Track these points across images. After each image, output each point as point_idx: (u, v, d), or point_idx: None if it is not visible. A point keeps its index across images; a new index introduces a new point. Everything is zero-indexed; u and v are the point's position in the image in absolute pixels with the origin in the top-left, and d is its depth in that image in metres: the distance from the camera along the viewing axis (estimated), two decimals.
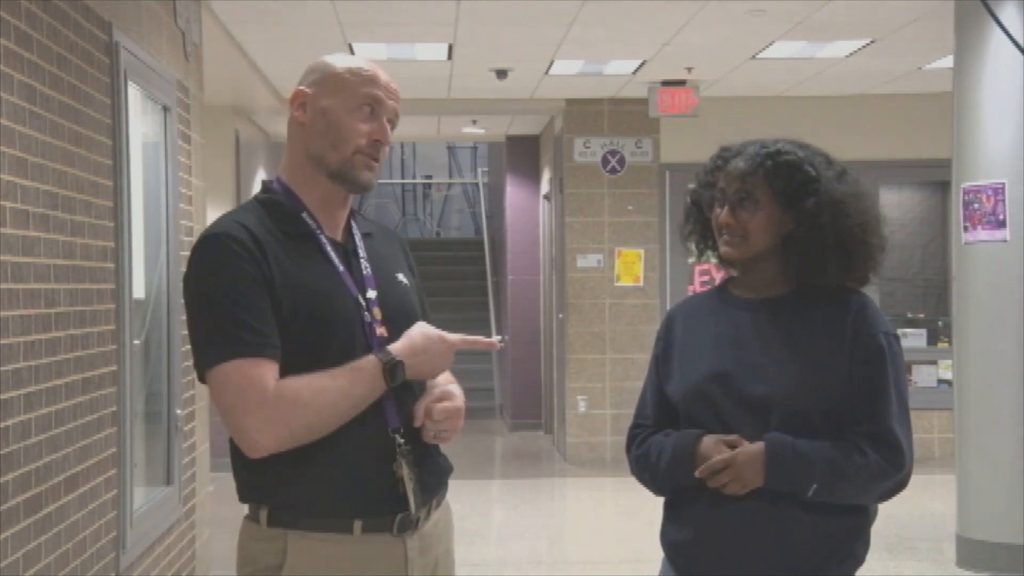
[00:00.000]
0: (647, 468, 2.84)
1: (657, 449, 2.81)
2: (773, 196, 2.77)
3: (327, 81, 2.60)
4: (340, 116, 2.57)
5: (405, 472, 2.48)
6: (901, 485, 2.74)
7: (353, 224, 2.67)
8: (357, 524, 2.47)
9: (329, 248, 2.57)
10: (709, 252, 2.95)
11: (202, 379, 2.48)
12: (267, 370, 2.42)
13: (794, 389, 2.70)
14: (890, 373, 2.72)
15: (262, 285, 2.45)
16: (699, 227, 2.93)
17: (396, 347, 2.51)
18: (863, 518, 2.76)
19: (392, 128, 2.63)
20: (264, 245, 2.49)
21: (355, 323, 2.53)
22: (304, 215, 2.58)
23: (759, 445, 2.67)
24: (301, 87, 2.62)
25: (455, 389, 2.62)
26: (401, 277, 2.68)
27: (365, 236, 2.67)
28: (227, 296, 2.44)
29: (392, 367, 2.47)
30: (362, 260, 2.61)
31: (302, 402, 2.42)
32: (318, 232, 2.57)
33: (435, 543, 2.60)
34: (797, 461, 2.65)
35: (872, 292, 2.88)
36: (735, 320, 2.82)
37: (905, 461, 2.71)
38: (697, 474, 2.69)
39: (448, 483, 2.69)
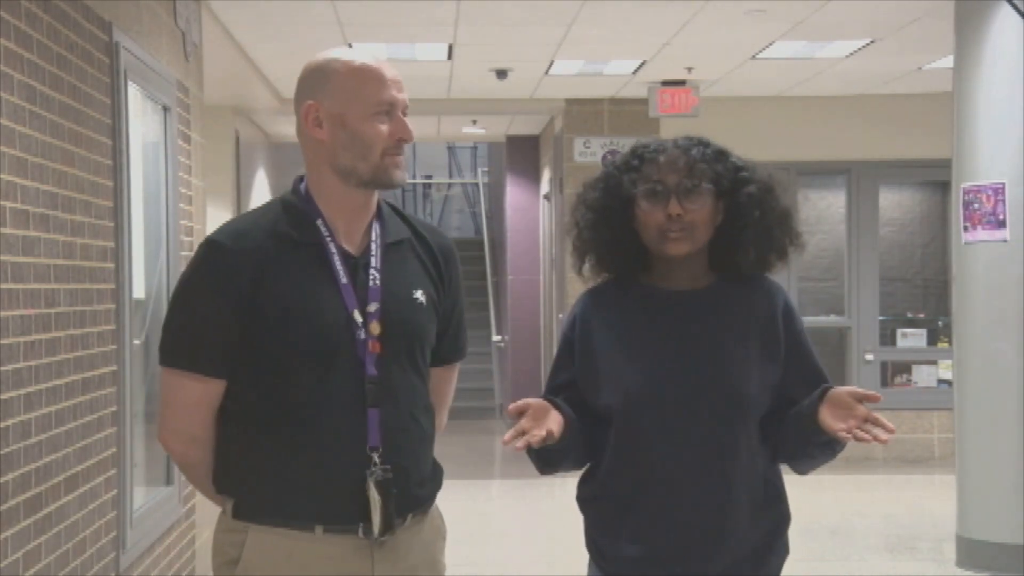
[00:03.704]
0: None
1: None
2: (714, 185, 2.70)
3: (336, 90, 2.54)
4: (360, 126, 2.52)
5: (373, 495, 2.47)
6: None
7: (375, 231, 2.61)
8: (319, 527, 2.49)
9: (336, 258, 2.54)
10: (609, 264, 2.79)
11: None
12: (196, 388, 2.53)
13: (757, 381, 2.68)
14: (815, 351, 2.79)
15: (236, 303, 2.48)
16: (600, 235, 2.76)
17: None
18: (788, 508, 2.79)
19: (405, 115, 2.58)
20: (259, 257, 2.50)
21: (342, 339, 2.50)
22: (319, 222, 2.56)
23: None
24: (311, 100, 2.55)
25: None
26: (418, 295, 2.61)
27: (391, 245, 2.61)
28: (189, 304, 2.55)
29: None
30: (372, 271, 2.56)
31: (177, 463, 2.69)
32: (328, 240, 2.55)
33: (413, 551, 2.58)
34: None
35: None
36: (672, 315, 2.72)
37: None
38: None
39: (435, 494, 2.66)
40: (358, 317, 2.52)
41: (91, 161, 4.66)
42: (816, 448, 2.66)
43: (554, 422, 2.62)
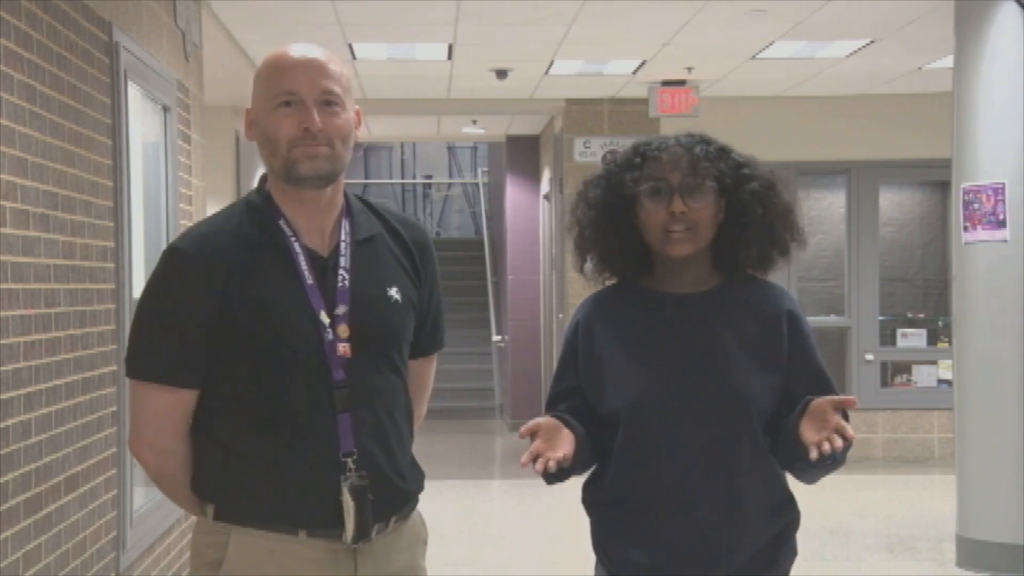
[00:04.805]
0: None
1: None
2: (717, 183, 2.67)
3: (254, 91, 2.51)
4: (265, 123, 2.48)
5: (347, 501, 2.44)
6: None
7: (344, 229, 2.54)
8: (302, 532, 2.47)
9: (301, 259, 2.48)
10: (612, 264, 2.77)
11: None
12: (166, 399, 2.48)
13: (760, 383, 2.65)
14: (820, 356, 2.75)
15: (202, 310, 2.43)
16: (602, 234, 2.73)
17: None
18: (798, 513, 2.76)
19: (336, 105, 2.47)
20: (224, 262, 2.44)
21: (309, 342, 2.45)
22: (281, 222, 2.50)
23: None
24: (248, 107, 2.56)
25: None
26: (392, 292, 2.55)
27: (362, 242, 2.55)
28: (155, 314, 2.49)
29: None
30: (341, 272, 2.50)
31: (152, 475, 2.60)
32: (292, 240, 2.49)
33: (396, 556, 2.55)
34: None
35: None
36: (675, 318, 2.69)
37: None
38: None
39: (416, 496, 2.63)
40: (324, 319, 2.46)
41: (91, 161, 4.66)
42: (804, 461, 2.58)
43: (567, 442, 2.59)
